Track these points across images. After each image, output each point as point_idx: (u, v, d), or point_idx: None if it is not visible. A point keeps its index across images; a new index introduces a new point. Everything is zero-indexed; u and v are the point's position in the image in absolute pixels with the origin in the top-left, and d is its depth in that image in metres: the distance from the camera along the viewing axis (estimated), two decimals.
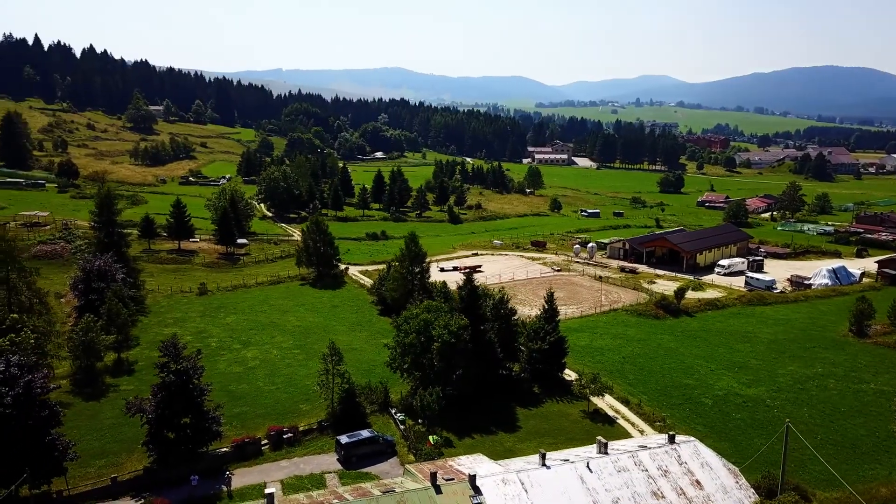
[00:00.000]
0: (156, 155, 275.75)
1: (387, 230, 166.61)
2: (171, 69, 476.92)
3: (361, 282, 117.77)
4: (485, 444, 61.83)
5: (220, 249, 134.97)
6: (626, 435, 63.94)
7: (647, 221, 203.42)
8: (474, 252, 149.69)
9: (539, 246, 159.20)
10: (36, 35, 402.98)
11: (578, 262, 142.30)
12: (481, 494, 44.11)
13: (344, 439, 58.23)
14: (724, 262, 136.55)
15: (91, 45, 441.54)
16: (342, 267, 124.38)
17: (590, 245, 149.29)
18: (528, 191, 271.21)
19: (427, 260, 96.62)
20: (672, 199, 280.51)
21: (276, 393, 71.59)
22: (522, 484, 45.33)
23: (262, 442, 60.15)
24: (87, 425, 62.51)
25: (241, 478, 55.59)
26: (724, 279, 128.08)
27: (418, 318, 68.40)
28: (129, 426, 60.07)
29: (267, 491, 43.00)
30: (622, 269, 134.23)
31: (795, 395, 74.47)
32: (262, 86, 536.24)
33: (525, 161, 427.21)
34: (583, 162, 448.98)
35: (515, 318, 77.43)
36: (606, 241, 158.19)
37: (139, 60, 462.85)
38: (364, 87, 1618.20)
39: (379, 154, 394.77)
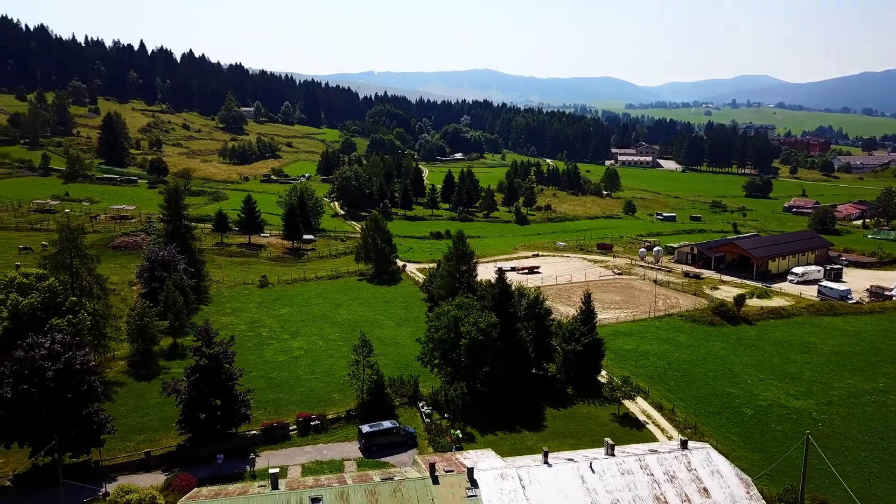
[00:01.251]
0: (242, 154, 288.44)
1: (451, 229, 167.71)
2: (262, 72, 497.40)
3: (416, 279, 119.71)
4: (506, 442, 62.11)
5: (286, 244, 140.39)
6: (653, 440, 62.62)
7: (725, 227, 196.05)
8: (535, 253, 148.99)
9: (605, 249, 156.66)
10: (141, 41, 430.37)
11: (642, 266, 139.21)
12: (477, 487, 44.57)
13: (365, 428, 59.92)
14: (798, 269, 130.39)
15: (190, 50, 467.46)
16: (400, 264, 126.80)
17: (656, 249, 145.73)
18: (604, 193, 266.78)
19: (475, 259, 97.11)
20: (757, 204, 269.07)
21: (313, 382, 74.20)
22: (521, 480, 45.45)
23: (291, 427, 62.68)
24: (135, 403, 66.95)
25: (267, 459, 58.19)
26: (796, 287, 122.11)
27: (449, 314, 69.39)
28: (171, 406, 63.60)
29: (271, 471, 45.16)
30: (686, 275, 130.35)
31: (847, 410, 70.68)
32: (350, 88, 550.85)
33: (608, 163, 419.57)
34: (668, 164, 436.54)
35: (551, 318, 76.99)
36: (675, 245, 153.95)
37: (234, 64, 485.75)
38: (453, 89, 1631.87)
39: (458, 155, 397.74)
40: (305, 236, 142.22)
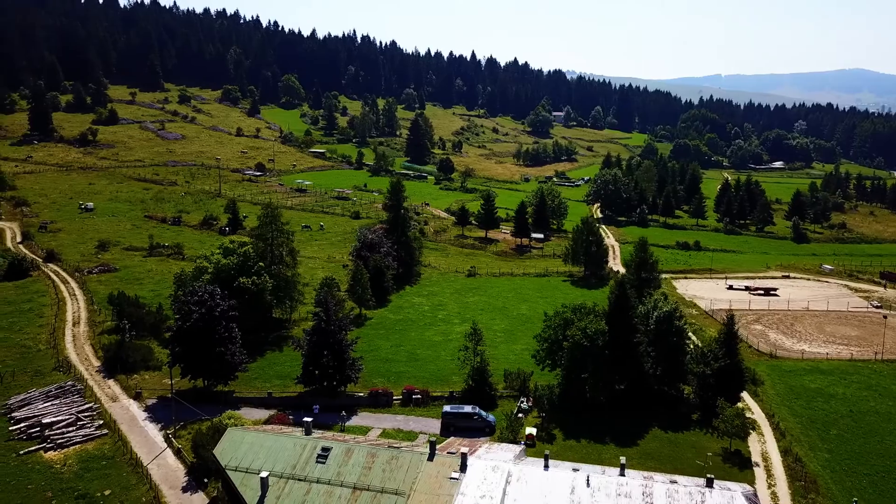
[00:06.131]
0: (536, 156, 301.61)
1: (702, 241, 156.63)
2: (580, 77, 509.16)
3: None
4: (584, 450, 60.47)
5: (517, 241, 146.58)
6: (751, 484, 54.98)
7: None
8: (786, 274, 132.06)
9: (889, 279, 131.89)
10: (472, 52, 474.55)
11: None
12: (465, 472, 46.07)
13: (446, 409, 63.72)
14: None
15: (515, 59, 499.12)
16: (615, 268, 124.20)
17: None
18: None
19: (656, 272, 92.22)
20: None
21: (447, 363, 79.34)
22: (508, 475, 45.67)
23: (395, 397, 69.09)
24: (294, 356, 79.08)
25: (361, 419, 65.60)
26: None
27: (561, 315, 68.95)
28: None
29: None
30: None
31: None
32: (669, 92, 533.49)
33: None
34: None
35: (687, 336, 70.82)
36: None
37: (552, 70, 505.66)
38: (811, 93, 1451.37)
39: (777, 164, 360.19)
40: (535, 235, 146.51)
